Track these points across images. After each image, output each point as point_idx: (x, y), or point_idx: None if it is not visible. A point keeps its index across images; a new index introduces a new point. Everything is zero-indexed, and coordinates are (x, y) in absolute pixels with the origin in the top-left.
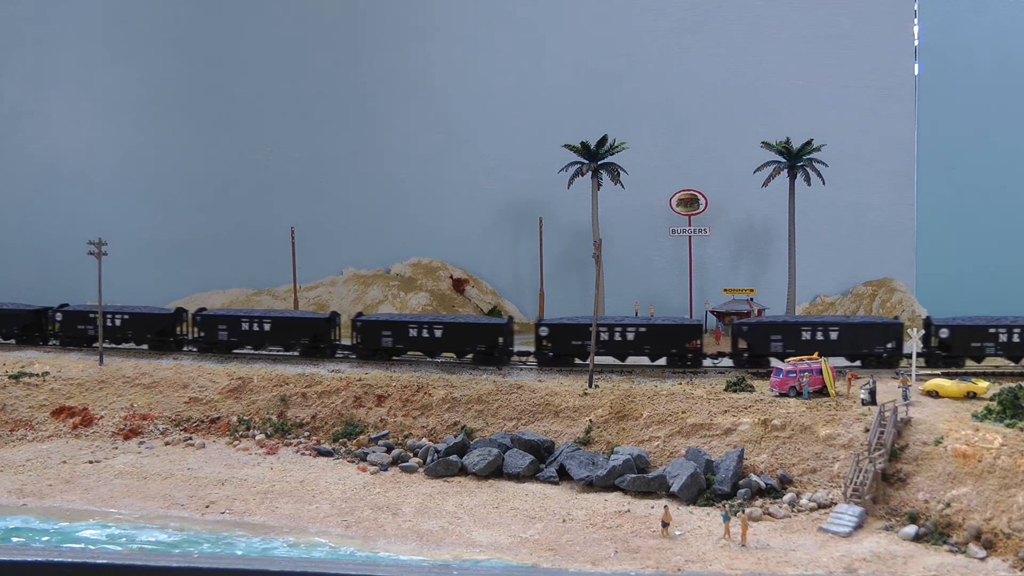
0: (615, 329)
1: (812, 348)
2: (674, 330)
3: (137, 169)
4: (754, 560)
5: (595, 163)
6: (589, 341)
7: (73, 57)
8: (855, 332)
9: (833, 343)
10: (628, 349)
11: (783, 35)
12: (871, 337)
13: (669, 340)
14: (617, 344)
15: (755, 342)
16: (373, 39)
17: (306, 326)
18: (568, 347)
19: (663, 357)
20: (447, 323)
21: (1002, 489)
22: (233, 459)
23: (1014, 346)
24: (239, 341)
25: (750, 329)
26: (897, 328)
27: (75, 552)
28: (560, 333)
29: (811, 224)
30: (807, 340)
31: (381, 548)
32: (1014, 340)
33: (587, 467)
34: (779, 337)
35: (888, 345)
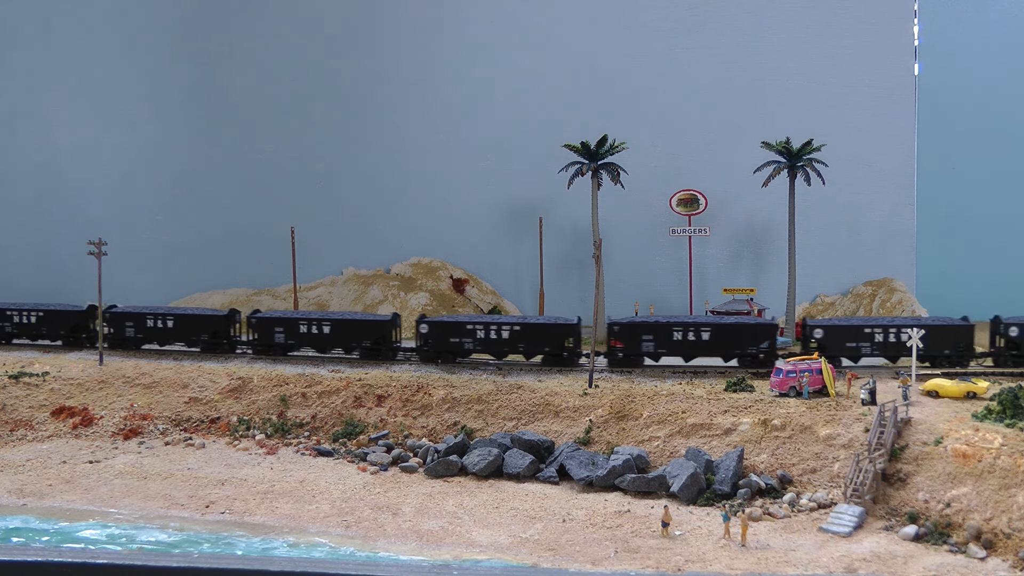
0: (491, 327)
1: (684, 348)
2: (549, 329)
3: (137, 169)
4: (754, 560)
5: (595, 163)
6: (467, 339)
7: (73, 57)
8: (727, 333)
9: (705, 343)
10: (504, 347)
11: (783, 35)
12: (744, 338)
13: (543, 339)
14: (493, 342)
15: (628, 341)
16: (373, 39)
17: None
18: (447, 344)
19: (538, 355)
20: (335, 320)
21: (1002, 489)
22: (233, 459)
23: (890, 346)
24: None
25: (622, 329)
26: (770, 329)
27: (75, 552)
28: (440, 330)
29: (811, 224)
30: (679, 340)
31: (381, 548)
32: (890, 340)
33: (587, 467)
34: (651, 337)
35: (762, 345)
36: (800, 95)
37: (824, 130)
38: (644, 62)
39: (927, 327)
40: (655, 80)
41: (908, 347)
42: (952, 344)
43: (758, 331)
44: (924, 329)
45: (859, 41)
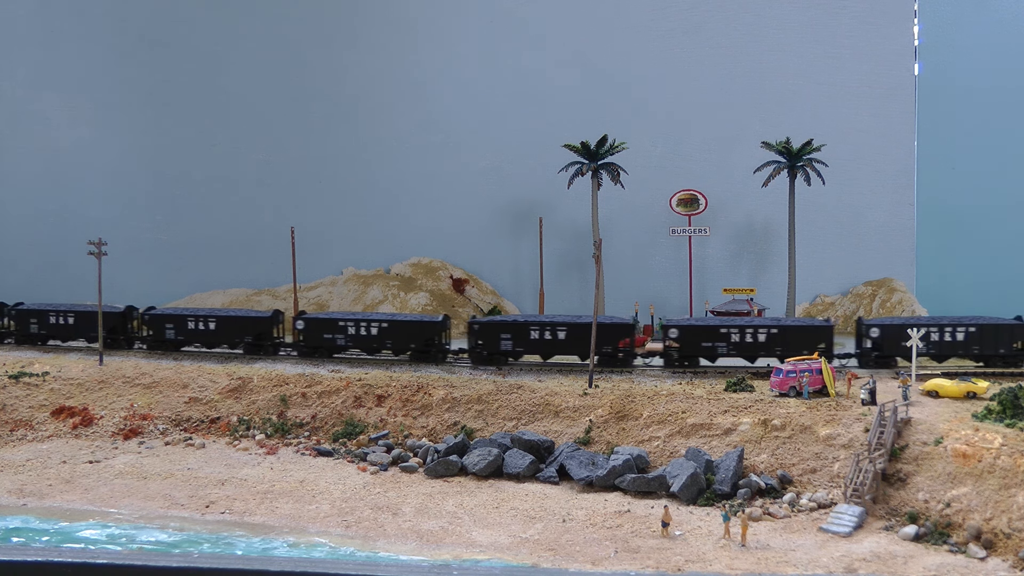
0: (362, 324)
1: (540, 347)
2: (416, 326)
3: (137, 169)
4: (754, 560)
5: (595, 163)
6: (340, 335)
7: (73, 57)
8: (397, 328)
9: (561, 342)
10: (373, 343)
11: (783, 35)
12: (413, 333)
13: (411, 336)
14: (364, 338)
15: (487, 339)
16: (373, 39)
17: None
18: (321, 339)
19: (406, 351)
20: (220, 316)
21: (1002, 489)
22: (233, 459)
23: (747, 346)
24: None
25: (481, 327)
26: (625, 328)
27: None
28: (314, 326)
29: (811, 224)
30: (535, 339)
31: (381, 548)
32: (746, 340)
33: (587, 467)
34: (508, 335)
35: (433, 340)
36: (800, 95)
37: (824, 130)
38: (644, 62)
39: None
40: (655, 80)
41: (762, 347)
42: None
43: (614, 330)
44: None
45: (859, 41)
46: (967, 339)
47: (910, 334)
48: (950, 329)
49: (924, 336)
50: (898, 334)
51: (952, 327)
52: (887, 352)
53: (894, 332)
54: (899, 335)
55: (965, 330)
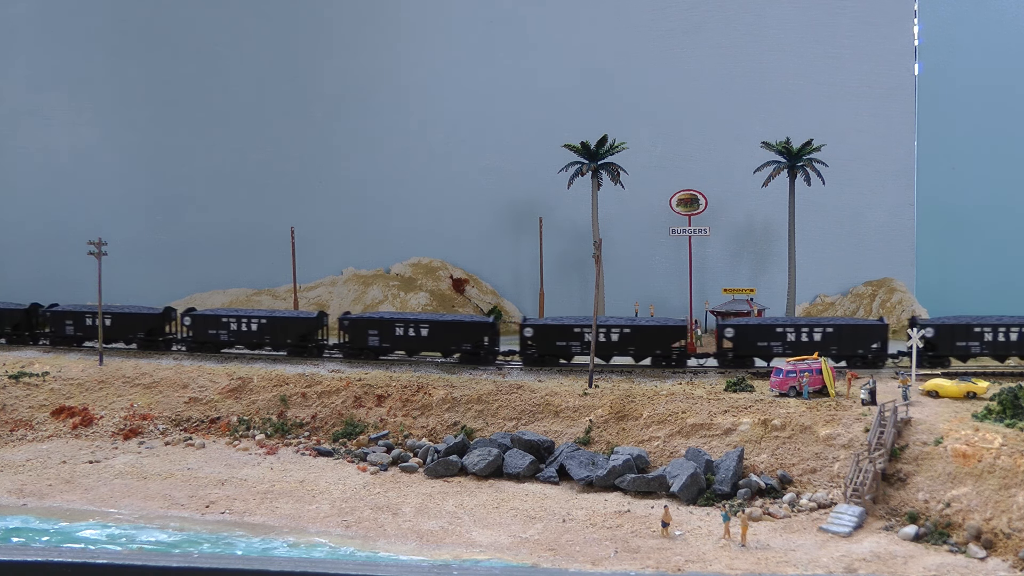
0: (242, 320)
1: (404, 343)
2: (292, 323)
3: (137, 169)
4: (754, 560)
5: (595, 163)
6: (223, 331)
7: (73, 57)
8: (445, 329)
9: (425, 339)
10: (253, 339)
11: (783, 35)
12: (462, 334)
13: (288, 332)
14: (245, 334)
15: (355, 336)
16: (374, 39)
17: (468, 330)
18: (207, 335)
19: (284, 348)
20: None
21: (1002, 489)
22: (233, 459)
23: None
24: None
25: (351, 324)
26: (487, 326)
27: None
28: (200, 323)
29: (811, 224)
30: (400, 335)
31: (381, 548)
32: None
33: (587, 467)
34: (376, 332)
35: (482, 341)
36: (800, 95)
37: (824, 130)
38: (644, 62)
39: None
40: (655, 80)
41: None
42: None
43: (473, 328)
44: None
45: (859, 41)
46: (824, 339)
47: None
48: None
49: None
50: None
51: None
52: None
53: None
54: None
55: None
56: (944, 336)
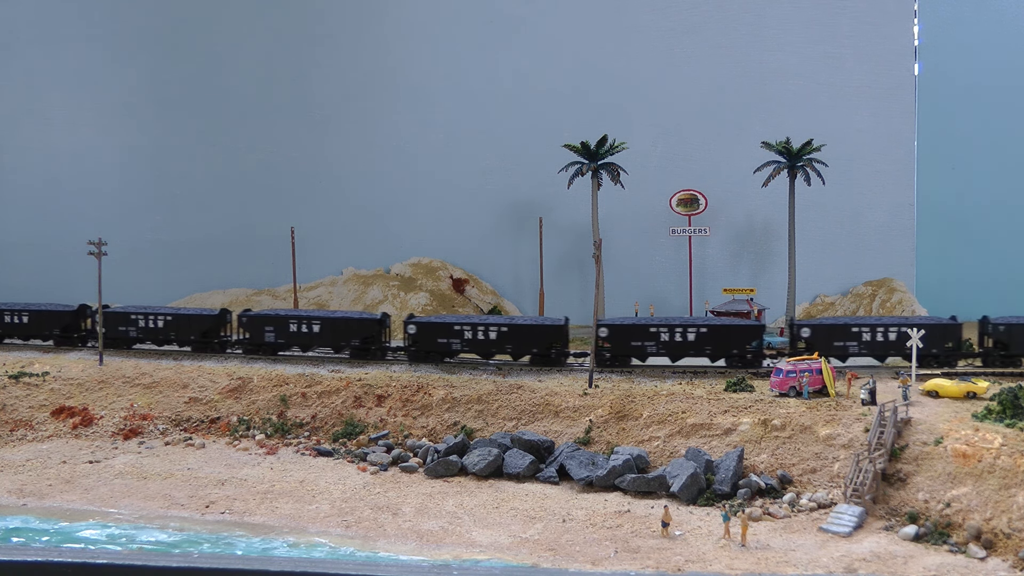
0: (150, 318)
1: (299, 339)
2: (195, 320)
3: (137, 169)
4: (754, 560)
5: (595, 163)
6: (131, 327)
7: (73, 57)
8: (336, 325)
9: (316, 335)
10: (159, 335)
11: (783, 35)
12: (352, 330)
13: (192, 328)
14: (151, 331)
15: (253, 332)
16: (374, 39)
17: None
18: (117, 332)
19: (188, 344)
20: (325, 319)
21: (1002, 489)
22: (233, 459)
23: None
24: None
25: (249, 320)
26: (370, 323)
27: (75, 552)
28: (110, 320)
29: (811, 224)
30: (294, 331)
31: (381, 548)
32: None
33: (587, 467)
34: (272, 328)
35: (371, 337)
36: (800, 95)
37: (824, 130)
38: (644, 62)
39: None
40: (655, 80)
41: (892, 346)
42: None
43: (362, 325)
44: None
45: (859, 41)
46: (698, 339)
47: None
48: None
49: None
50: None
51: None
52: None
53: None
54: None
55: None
56: (821, 336)
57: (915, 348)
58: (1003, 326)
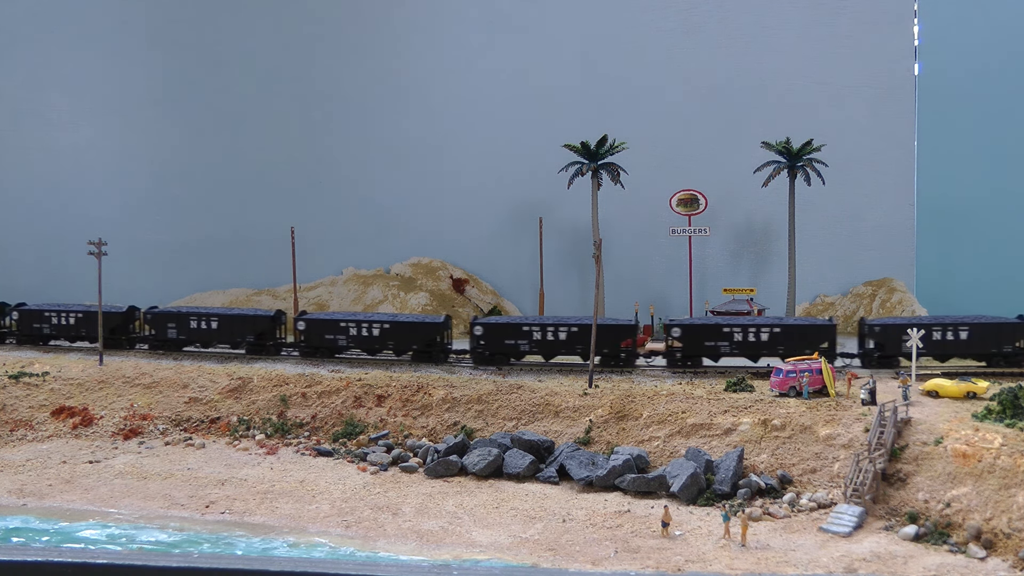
0: (68, 315)
1: (199, 335)
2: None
3: (137, 169)
4: (754, 560)
5: (595, 163)
6: (45, 324)
7: (73, 57)
8: (232, 322)
9: (215, 331)
10: (71, 332)
11: (783, 35)
12: (245, 327)
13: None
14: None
15: (157, 329)
16: (374, 39)
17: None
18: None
19: (96, 340)
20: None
21: (1002, 489)
22: (233, 459)
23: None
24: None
25: (153, 317)
26: (265, 320)
27: (75, 552)
28: (27, 317)
29: (811, 224)
30: (195, 328)
31: (381, 548)
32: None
33: (587, 467)
34: (174, 325)
35: (265, 333)
36: (800, 95)
37: (824, 130)
38: (644, 62)
39: None
40: (655, 80)
41: None
42: None
43: (254, 321)
44: None
45: (859, 41)
46: (569, 338)
47: None
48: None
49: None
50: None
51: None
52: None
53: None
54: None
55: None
56: (691, 336)
57: (915, 348)
58: (879, 327)
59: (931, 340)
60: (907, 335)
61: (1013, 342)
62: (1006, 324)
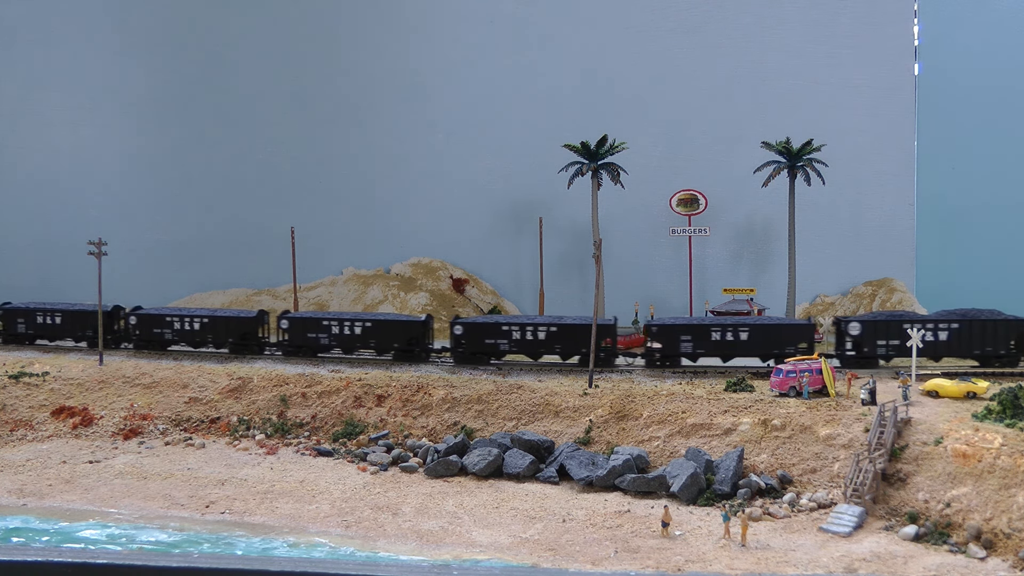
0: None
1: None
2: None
3: (137, 169)
4: (754, 560)
5: (595, 163)
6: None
7: (73, 57)
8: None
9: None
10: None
11: (783, 35)
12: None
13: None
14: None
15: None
16: (374, 39)
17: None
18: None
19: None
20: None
21: (1002, 489)
22: (233, 459)
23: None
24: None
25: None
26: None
27: (75, 552)
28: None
29: (811, 224)
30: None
31: (381, 548)
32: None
33: (587, 467)
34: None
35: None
36: (800, 95)
37: (824, 130)
38: (644, 62)
39: None
40: (655, 80)
41: None
42: None
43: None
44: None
45: (859, 41)
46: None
47: None
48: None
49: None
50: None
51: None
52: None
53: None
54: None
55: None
56: (470, 332)
57: (915, 348)
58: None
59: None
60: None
61: (1007, 341)
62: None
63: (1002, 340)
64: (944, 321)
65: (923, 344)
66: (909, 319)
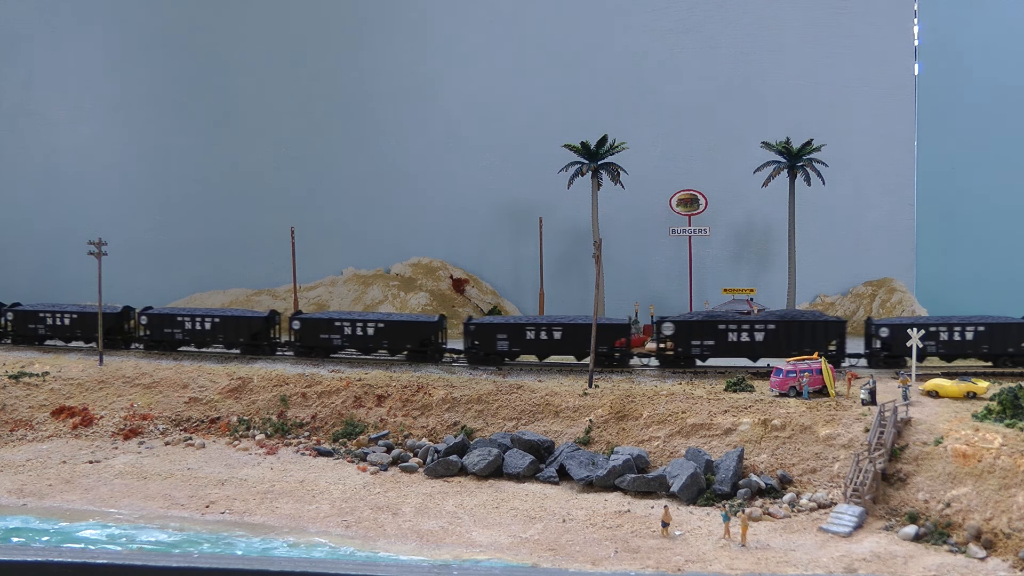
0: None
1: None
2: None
3: (137, 169)
4: (754, 560)
5: (595, 163)
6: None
7: (73, 57)
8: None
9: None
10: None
11: (783, 35)
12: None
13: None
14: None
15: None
16: (373, 38)
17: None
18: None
19: None
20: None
21: (1002, 489)
22: (233, 459)
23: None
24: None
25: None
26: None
27: (75, 552)
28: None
29: (811, 224)
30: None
31: (381, 548)
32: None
33: (587, 467)
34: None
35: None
36: (800, 95)
37: (824, 130)
38: (644, 62)
39: None
40: (655, 80)
41: None
42: None
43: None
44: None
45: (859, 41)
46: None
47: None
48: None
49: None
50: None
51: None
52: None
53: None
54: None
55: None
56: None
57: (915, 348)
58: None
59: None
60: None
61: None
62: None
63: (820, 341)
64: (760, 322)
65: (740, 343)
66: (724, 320)
